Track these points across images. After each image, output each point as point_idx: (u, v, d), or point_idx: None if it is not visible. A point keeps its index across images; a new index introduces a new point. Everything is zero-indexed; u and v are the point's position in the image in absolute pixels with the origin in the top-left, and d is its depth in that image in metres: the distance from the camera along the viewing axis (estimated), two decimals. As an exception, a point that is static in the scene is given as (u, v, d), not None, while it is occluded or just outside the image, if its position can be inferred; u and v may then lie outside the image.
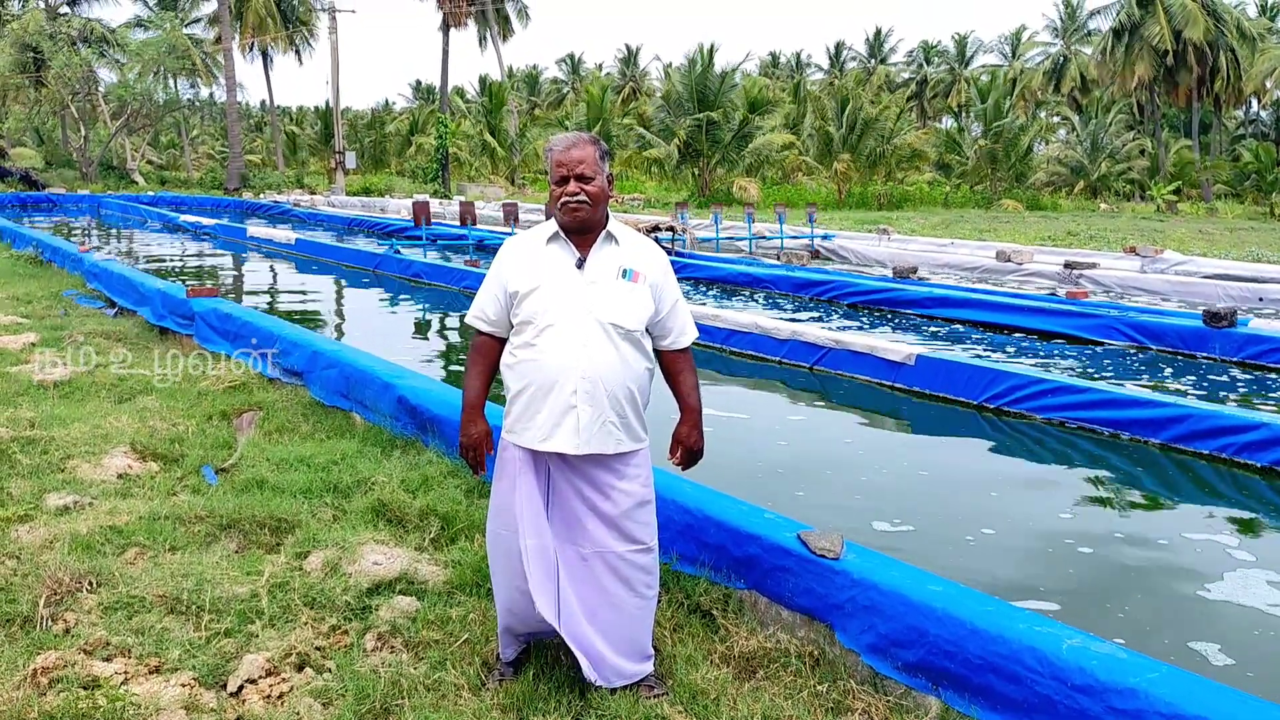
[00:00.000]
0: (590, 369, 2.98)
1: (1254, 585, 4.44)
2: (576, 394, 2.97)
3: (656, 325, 3.16)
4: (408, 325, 12.33)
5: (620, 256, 3.11)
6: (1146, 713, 2.59)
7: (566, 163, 3.04)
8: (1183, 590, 4.45)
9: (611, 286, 3.05)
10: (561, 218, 3.07)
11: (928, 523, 5.20)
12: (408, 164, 60.88)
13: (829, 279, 14.30)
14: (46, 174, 45.50)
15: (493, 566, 3.24)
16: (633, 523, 3.10)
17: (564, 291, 3.02)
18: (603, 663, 3.08)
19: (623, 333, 3.03)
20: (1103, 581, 4.54)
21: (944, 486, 5.91)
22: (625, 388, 3.04)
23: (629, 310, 3.04)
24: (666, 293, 3.16)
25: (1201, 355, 9.80)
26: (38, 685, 3.06)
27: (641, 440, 3.14)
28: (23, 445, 5.48)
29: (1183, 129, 59.18)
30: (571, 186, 3.03)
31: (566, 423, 2.99)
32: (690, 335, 3.26)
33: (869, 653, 3.27)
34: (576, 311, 3.00)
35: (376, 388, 6.10)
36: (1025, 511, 5.49)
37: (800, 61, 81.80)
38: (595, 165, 3.06)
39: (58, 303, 11.17)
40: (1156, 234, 27.67)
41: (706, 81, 41.82)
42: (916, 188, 46.42)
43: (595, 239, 3.10)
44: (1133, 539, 5.05)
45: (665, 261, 3.21)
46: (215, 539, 4.33)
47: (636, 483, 3.11)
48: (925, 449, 6.92)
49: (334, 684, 3.18)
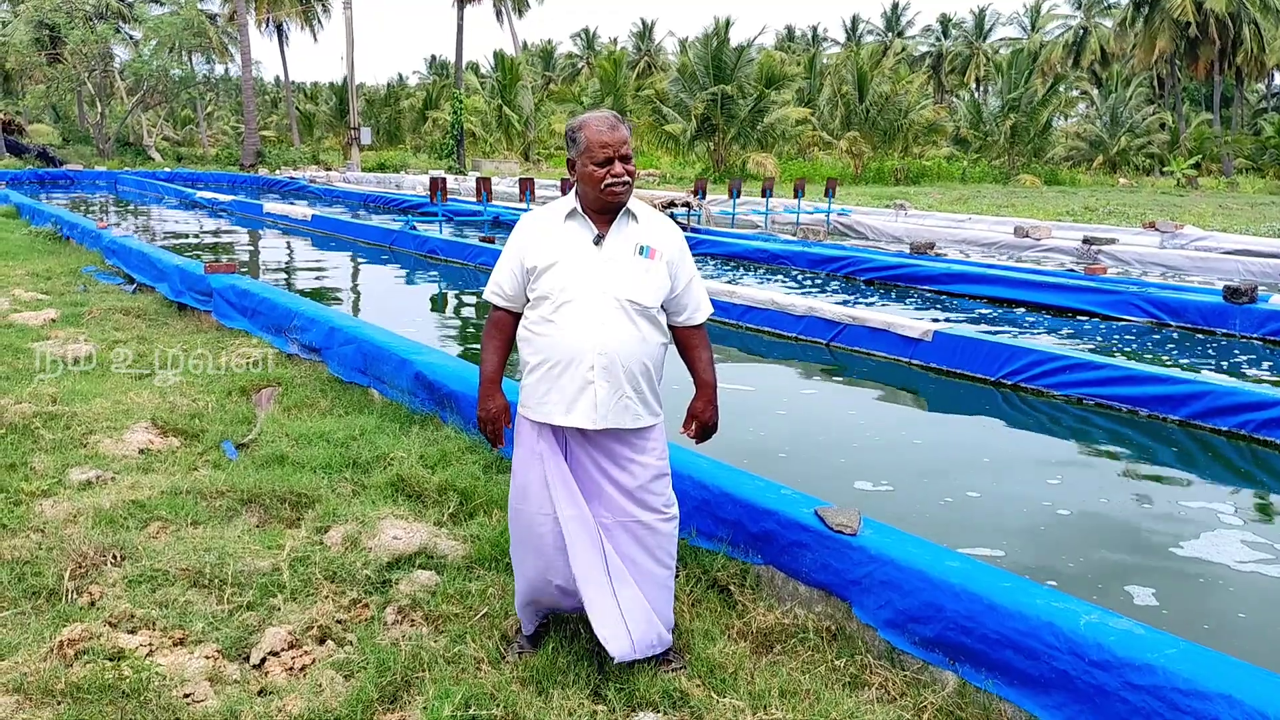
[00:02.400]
0: (607, 345, 2.98)
1: (1269, 564, 4.43)
2: (594, 370, 2.98)
3: (672, 302, 3.16)
4: (424, 301, 12.35)
5: (638, 234, 3.10)
6: (1164, 688, 2.59)
7: (613, 143, 3.01)
8: (1195, 567, 4.44)
9: (629, 263, 3.05)
10: (602, 199, 3.03)
11: (939, 498, 5.19)
12: (423, 140, 60.83)
13: (845, 255, 14.24)
14: (64, 151, 45.71)
15: (514, 542, 3.26)
16: (651, 494, 3.12)
17: (582, 268, 3.02)
18: (628, 633, 3.10)
19: (640, 309, 3.03)
20: (1117, 559, 4.53)
21: (960, 463, 5.89)
22: (641, 363, 3.04)
23: (646, 287, 3.05)
24: (682, 269, 3.16)
25: (1221, 331, 9.74)
26: (64, 657, 3.11)
27: (658, 415, 3.15)
28: (45, 421, 5.54)
29: (1203, 102, 58.53)
30: (618, 168, 3.01)
31: (584, 398, 3.00)
32: (706, 311, 3.26)
33: (886, 628, 3.28)
34: (594, 288, 3.00)
35: (394, 364, 6.13)
36: (1037, 487, 5.47)
37: (816, 35, 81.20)
38: (631, 146, 3.07)
39: (77, 279, 11.24)
40: (1176, 209, 27.43)
41: (722, 56, 41.53)
42: (934, 163, 46.09)
43: (614, 216, 3.10)
44: (1153, 515, 5.03)
45: (681, 238, 3.21)
46: (236, 513, 4.37)
47: (653, 455, 3.13)
48: (942, 425, 6.90)
49: (355, 656, 3.21)
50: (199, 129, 59.32)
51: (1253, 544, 4.63)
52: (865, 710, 2.95)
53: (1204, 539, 4.72)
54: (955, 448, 6.26)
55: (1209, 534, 4.78)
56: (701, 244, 16.07)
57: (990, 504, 5.13)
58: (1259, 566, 4.40)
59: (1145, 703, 2.62)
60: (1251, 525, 4.90)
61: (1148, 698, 2.62)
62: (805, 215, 22.19)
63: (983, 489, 5.38)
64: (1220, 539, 4.70)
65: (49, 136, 50.54)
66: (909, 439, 6.38)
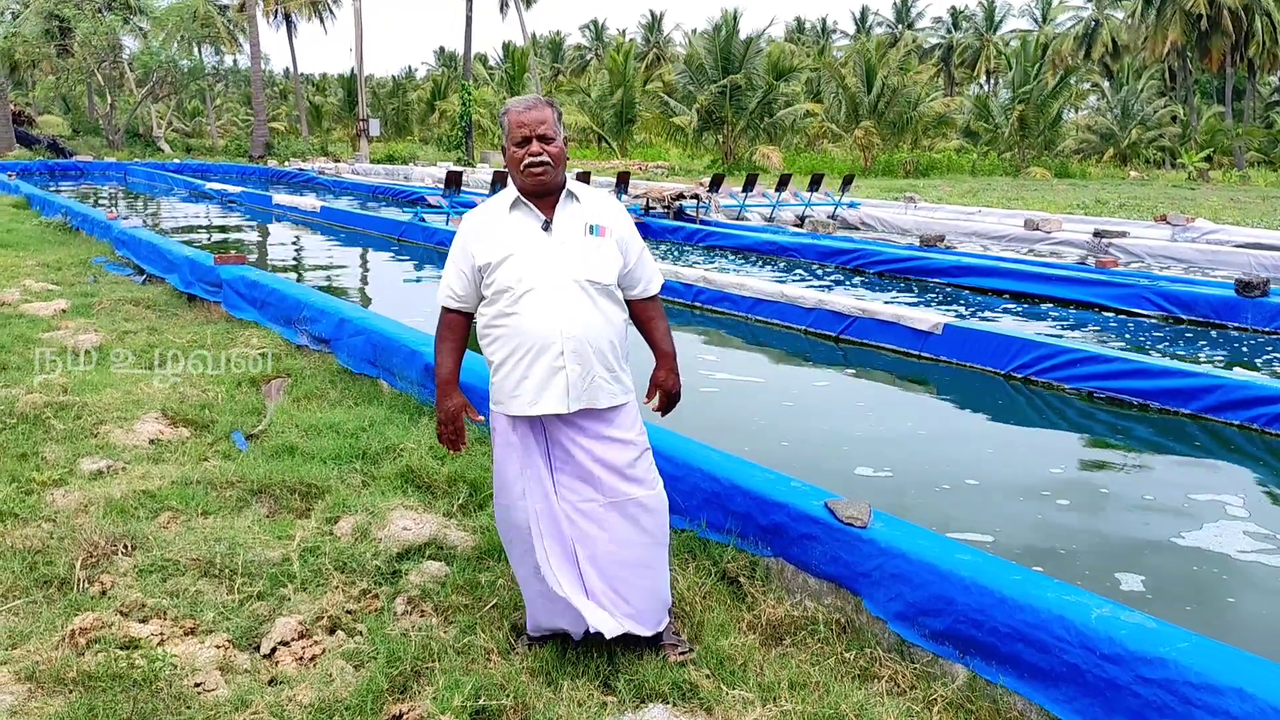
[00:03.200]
0: (574, 328, 2.99)
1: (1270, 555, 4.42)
2: (564, 354, 2.99)
3: (626, 276, 3.17)
4: (433, 293, 12.35)
5: (584, 214, 3.11)
6: (1176, 682, 2.58)
7: (528, 123, 3.02)
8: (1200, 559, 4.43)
9: (581, 244, 3.06)
10: (523, 181, 3.04)
11: (946, 489, 5.18)
12: (431, 131, 60.80)
13: (855, 247, 14.20)
14: (73, 142, 45.81)
15: (508, 551, 3.26)
16: (636, 469, 3.13)
17: (537, 255, 3.02)
18: (627, 614, 3.10)
19: (599, 288, 3.05)
20: (1120, 550, 4.52)
21: (965, 453, 5.88)
22: (609, 341, 3.07)
23: (602, 266, 3.06)
24: (632, 244, 3.18)
25: (1233, 325, 9.70)
26: (76, 646, 3.12)
27: (630, 391, 3.18)
28: (56, 411, 5.55)
29: (1215, 95, 58.19)
30: (534, 147, 3.01)
31: (555, 384, 3.00)
32: (658, 283, 3.30)
33: (896, 620, 3.27)
34: (553, 273, 3.01)
35: (403, 355, 6.13)
36: (1041, 478, 5.46)
37: (826, 27, 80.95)
38: (554, 126, 3.05)
39: (87, 270, 11.27)
40: (1187, 202, 27.30)
41: (731, 48, 41.44)
42: (944, 155, 45.93)
43: (557, 200, 3.10)
44: (1158, 507, 5.02)
45: (626, 214, 3.24)
46: (246, 504, 4.38)
47: (633, 432, 3.14)
48: (950, 416, 6.88)
49: (365, 647, 3.22)
50: (208, 120, 59.42)
51: (1255, 534, 4.61)
52: (875, 702, 2.95)
53: (1210, 531, 4.70)
54: (962, 438, 6.25)
55: (1215, 526, 4.77)
56: (710, 236, 16.05)
57: (992, 494, 5.12)
58: (1259, 557, 4.38)
59: (1157, 696, 2.61)
60: (1260, 518, 4.88)
61: (1159, 691, 2.61)
62: (814, 208, 22.12)
63: (986, 478, 5.36)
64: (1226, 531, 4.68)
65: (59, 128, 50.66)
66: (919, 431, 6.36)
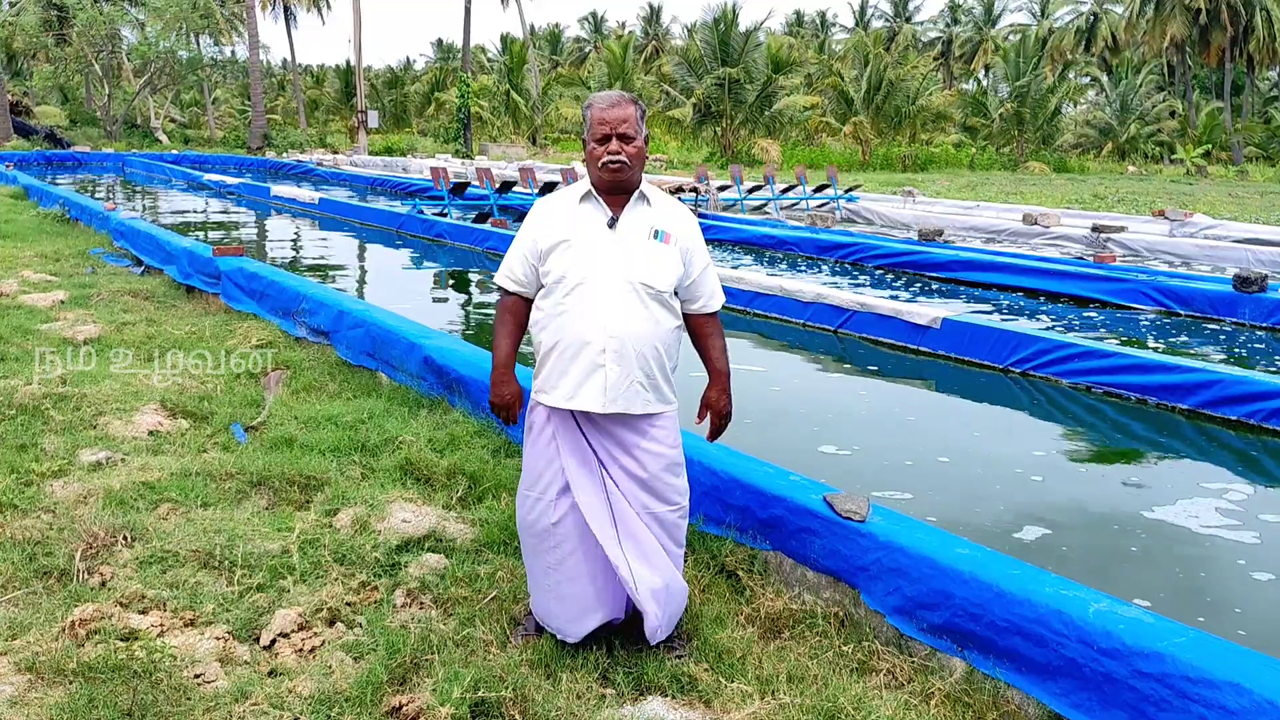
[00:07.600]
0: (619, 328, 2.96)
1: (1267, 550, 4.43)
2: (605, 353, 2.96)
3: (686, 289, 3.14)
4: (431, 285, 12.35)
5: (652, 217, 3.09)
6: (1173, 677, 2.59)
7: (610, 121, 3.00)
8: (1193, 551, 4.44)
9: (643, 246, 3.04)
10: (601, 176, 3.04)
11: (944, 485, 5.19)
12: (429, 123, 60.67)
13: (853, 241, 14.21)
14: (71, 132, 45.68)
15: (522, 543, 3.24)
16: (664, 484, 3.10)
17: (595, 249, 3.01)
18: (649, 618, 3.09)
19: (653, 293, 3.02)
20: (1122, 546, 4.53)
21: (959, 445, 5.89)
22: (654, 348, 3.02)
23: (660, 271, 3.03)
24: (697, 256, 3.14)
25: (1231, 320, 9.71)
26: (75, 637, 3.12)
27: (670, 402, 3.13)
28: (55, 402, 5.55)
29: (1214, 90, 58.11)
30: (614, 145, 2.99)
31: (593, 381, 2.98)
32: (719, 300, 3.24)
33: (894, 614, 3.28)
34: (607, 270, 2.99)
35: (403, 347, 6.13)
36: (1035, 470, 5.47)
37: (825, 20, 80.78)
38: (636, 125, 3.04)
39: (85, 260, 11.25)
40: (1186, 197, 27.29)
41: (730, 40, 41.35)
42: (942, 149, 45.87)
43: (628, 199, 3.08)
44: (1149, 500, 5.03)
45: (696, 225, 3.20)
46: (246, 496, 4.38)
47: (665, 444, 3.10)
48: (947, 409, 6.89)
49: (364, 639, 3.22)
50: (206, 111, 59.27)
51: (1252, 529, 4.63)
52: (873, 696, 2.96)
53: (1209, 527, 4.72)
54: (957, 431, 6.25)
55: (1212, 522, 4.78)
56: (709, 230, 16.04)
57: (986, 486, 5.13)
58: (1256, 552, 4.40)
59: (1153, 690, 2.62)
60: (1257, 514, 4.89)
61: (1156, 685, 2.62)
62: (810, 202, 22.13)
63: (981, 470, 5.38)
64: (1223, 527, 4.70)
65: (56, 118, 50.49)
66: (917, 424, 6.37)
